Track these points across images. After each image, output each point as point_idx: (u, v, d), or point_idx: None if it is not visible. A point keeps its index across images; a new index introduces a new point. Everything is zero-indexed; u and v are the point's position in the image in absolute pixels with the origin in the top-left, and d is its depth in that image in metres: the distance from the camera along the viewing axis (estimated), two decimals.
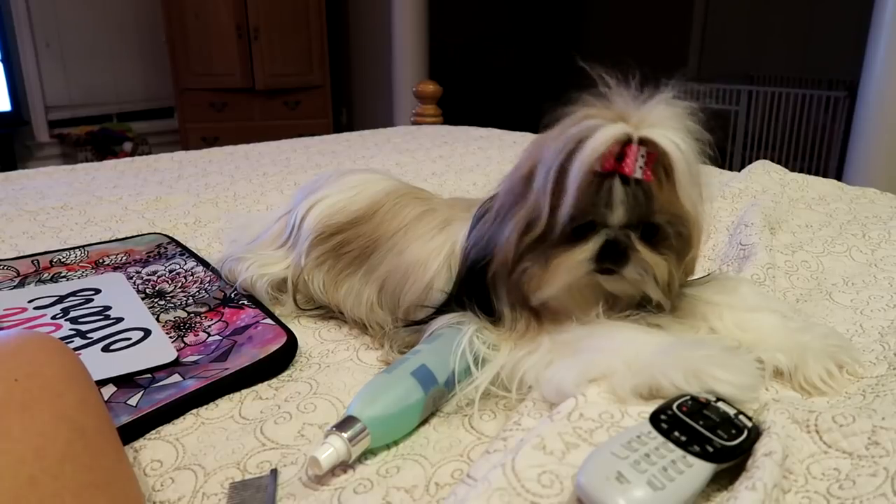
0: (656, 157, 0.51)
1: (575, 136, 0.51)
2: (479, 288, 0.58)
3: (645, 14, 4.91)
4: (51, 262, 0.87)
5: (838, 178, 1.54)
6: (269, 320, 0.68)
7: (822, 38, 4.08)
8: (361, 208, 0.72)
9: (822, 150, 3.40)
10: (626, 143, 0.50)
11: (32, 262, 0.86)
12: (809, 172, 1.25)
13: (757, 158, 1.25)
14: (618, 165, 0.50)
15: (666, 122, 0.51)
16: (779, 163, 1.21)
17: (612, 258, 0.52)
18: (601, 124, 0.50)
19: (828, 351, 0.56)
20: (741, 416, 0.47)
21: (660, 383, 0.49)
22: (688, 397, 0.48)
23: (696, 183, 0.52)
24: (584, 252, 0.52)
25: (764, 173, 1.15)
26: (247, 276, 0.74)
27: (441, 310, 0.60)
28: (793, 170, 1.21)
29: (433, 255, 0.64)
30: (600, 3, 5.20)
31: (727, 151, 3.66)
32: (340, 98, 4.27)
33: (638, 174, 0.50)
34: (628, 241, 0.52)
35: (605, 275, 0.53)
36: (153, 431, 0.53)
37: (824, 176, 1.26)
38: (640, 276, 0.53)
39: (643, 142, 0.50)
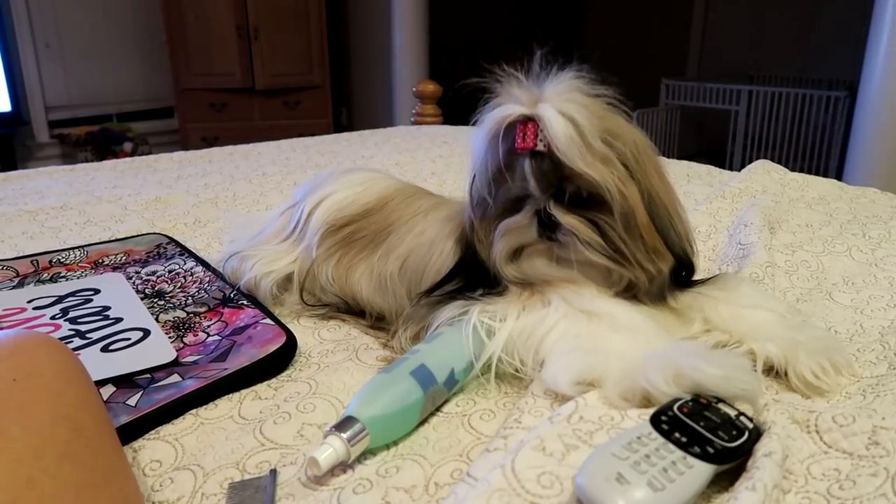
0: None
1: (486, 122, 0.58)
2: (479, 270, 0.62)
3: (645, 14, 4.91)
4: (50, 262, 0.87)
5: (838, 177, 1.54)
6: (268, 320, 0.68)
7: (822, 38, 4.08)
8: (371, 202, 0.73)
9: (822, 149, 3.40)
10: (525, 121, 0.55)
11: (32, 262, 0.86)
12: (809, 172, 1.25)
13: (757, 158, 1.25)
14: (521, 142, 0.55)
15: (557, 96, 0.56)
16: (779, 162, 1.21)
17: (540, 224, 0.57)
18: (498, 107, 0.57)
19: (821, 348, 0.56)
20: (742, 418, 0.46)
21: (644, 388, 0.49)
22: (688, 398, 0.48)
23: (594, 149, 0.54)
24: (516, 220, 0.58)
25: (764, 173, 1.14)
26: (251, 275, 0.74)
27: (452, 291, 0.63)
28: (793, 169, 1.21)
29: (453, 233, 0.66)
30: (600, 3, 5.20)
31: (727, 151, 3.66)
32: (340, 98, 4.27)
33: (540, 147, 0.55)
34: (548, 207, 0.56)
35: (547, 241, 0.58)
36: (152, 431, 0.53)
37: (824, 176, 1.26)
38: (569, 239, 0.57)
39: (535, 118, 0.55)
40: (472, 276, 0.62)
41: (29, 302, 0.74)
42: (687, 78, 4.27)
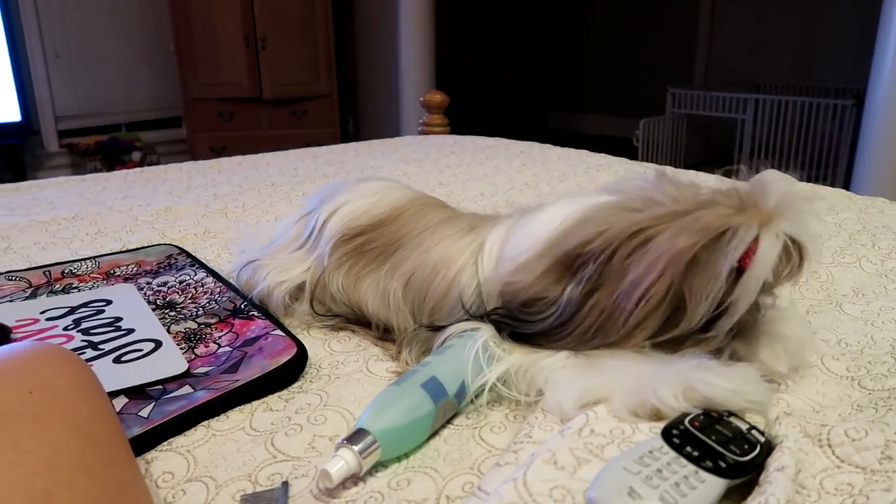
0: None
1: (739, 254, 0.51)
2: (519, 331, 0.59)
3: (650, 22, 4.92)
4: (62, 273, 0.87)
5: (846, 187, 1.54)
6: (278, 331, 0.69)
7: (829, 46, 4.08)
8: (385, 212, 0.73)
9: (829, 159, 3.40)
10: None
11: (44, 272, 0.87)
12: (817, 181, 1.25)
13: (764, 167, 1.24)
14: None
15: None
16: (786, 172, 1.21)
17: None
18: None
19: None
20: (754, 431, 0.46)
21: (653, 404, 0.49)
22: (700, 412, 0.48)
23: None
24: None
25: None
26: (265, 284, 0.74)
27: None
28: (800, 179, 1.21)
29: (460, 253, 0.66)
30: (606, 12, 5.22)
31: (734, 160, 3.66)
32: (347, 107, 4.29)
33: None
34: None
35: None
36: (165, 443, 0.53)
37: (832, 185, 1.26)
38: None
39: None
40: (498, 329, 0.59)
41: (42, 313, 0.75)
42: (693, 86, 4.27)
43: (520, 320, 0.58)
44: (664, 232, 0.53)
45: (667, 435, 0.45)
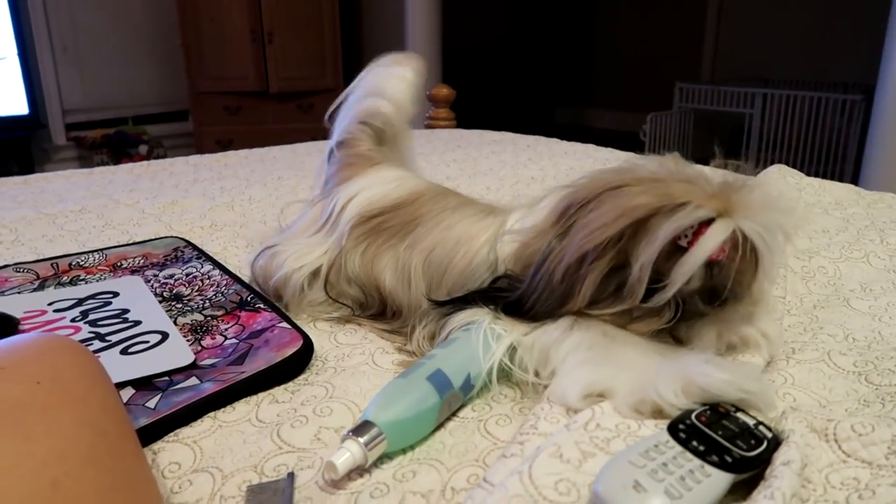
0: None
1: (681, 227, 0.52)
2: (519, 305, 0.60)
3: (659, 17, 4.89)
4: (70, 265, 0.88)
5: (854, 182, 1.53)
6: (284, 324, 0.69)
7: (837, 41, 4.05)
8: (402, 196, 0.75)
9: (837, 154, 3.38)
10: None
11: (52, 265, 0.87)
12: (825, 177, 1.25)
13: (772, 162, 1.24)
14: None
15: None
16: (794, 167, 1.20)
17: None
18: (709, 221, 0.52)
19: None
20: (761, 427, 0.46)
21: (654, 401, 0.49)
22: (706, 407, 0.48)
23: None
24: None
25: (780, 178, 1.14)
26: (282, 272, 0.74)
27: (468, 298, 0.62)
28: (808, 174, 1.20)
29: (483, 232, 0.67)
30: (613, 6, 5.19)
31: (741, 155, 3.65)
32: None
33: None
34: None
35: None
36: (171, 434, 0.54)
37: (840, 180, 1.25)
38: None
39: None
40: (507, 299, 0.60)
41: (49, 304, 0.75)
42: (701, 81, 4.25)
43: (511, 287, 0.59)
44: (631, 191, 0.54)
45: (673, 430, 0.45)
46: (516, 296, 0.59)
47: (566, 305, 0.56)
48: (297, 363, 0.63)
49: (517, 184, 1.35)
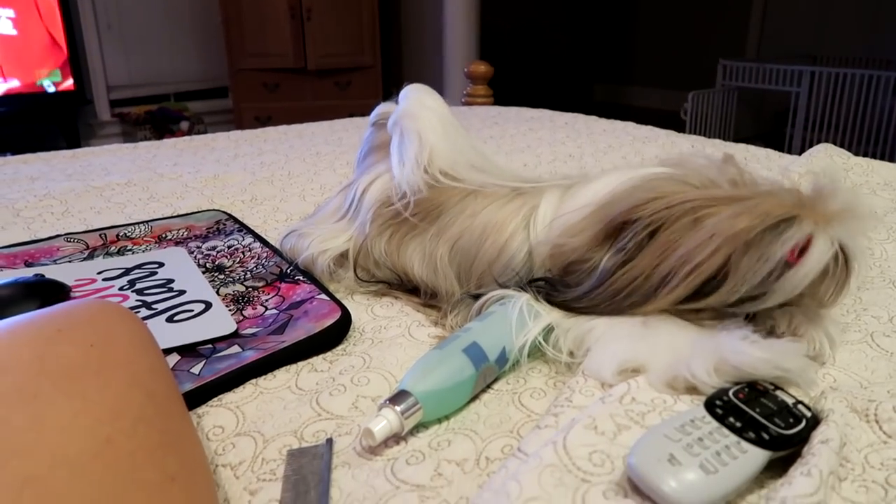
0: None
1: (792, 246, 0.51)
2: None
3: None
4: (117, 236, 0.90)
5: None
6: (323, 296, 0.70)
7: (889, 17, 3.89)
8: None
9: (887, 133, 3.26)
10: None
11: (100, 235, 0.90)
12: (874, 157, 1.21)
13: (818, 142, 1.21)
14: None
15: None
16: (841, 146, 1.17)
17: None
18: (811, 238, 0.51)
19: None
20: (800, 406, 0.46)
21: (687, 379, 0.49)
22: (744, 385, 0.47)
23: None
24: None
25: (826, 157, 1.11)
26: (308, 252, 0.76)
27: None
28: (856, 154, 1.17)
29: (510, 218, 0.65)
30: None
31: (787, 134, 3.55)
32: (391, 79, 4.28)
33: None
34: None
35: None
36: (215, 399, 0.55)
37: (890, 160, 1.21)
38: None
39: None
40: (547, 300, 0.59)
41: (99, 273, 0.78)
42: (746, 58, 4.13)
43: (557, 289, 0.58)
44: (721, 212, 0.52)
45: (710, 405, 0.45)
46: (563, 299, 0.58)
47: (636, 310, 0.55)
48: (336, 334, 0.64)
49: (554, 161, 1.34)
